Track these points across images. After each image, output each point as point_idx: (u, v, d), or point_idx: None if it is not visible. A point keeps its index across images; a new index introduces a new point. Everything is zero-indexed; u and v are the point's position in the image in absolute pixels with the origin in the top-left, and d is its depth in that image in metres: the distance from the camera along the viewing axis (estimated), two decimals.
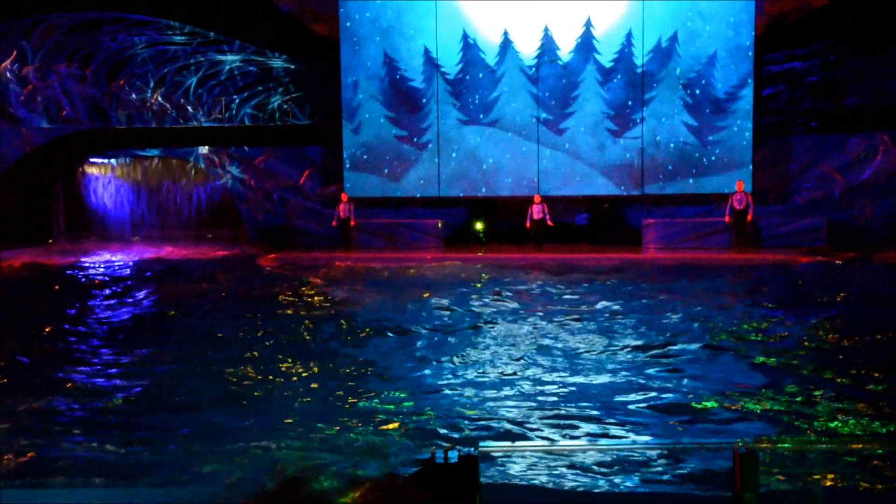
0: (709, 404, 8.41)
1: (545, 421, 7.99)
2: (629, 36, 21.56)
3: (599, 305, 13.94)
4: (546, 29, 21.96)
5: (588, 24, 21.75)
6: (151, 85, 24.43)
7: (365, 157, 23.03)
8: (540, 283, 16.65)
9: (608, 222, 22.97)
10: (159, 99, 24.47)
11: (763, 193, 21.67)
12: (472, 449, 4.84)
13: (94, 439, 7.62)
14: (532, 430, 7.78)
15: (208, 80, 24.65)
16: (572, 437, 7.58)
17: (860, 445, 7.14)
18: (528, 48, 22.08)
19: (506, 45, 22.18)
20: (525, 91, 22.15)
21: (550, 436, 7.63)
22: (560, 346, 11.02)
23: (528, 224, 21.53)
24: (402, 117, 22.83)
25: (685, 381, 9.30)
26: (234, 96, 24.75)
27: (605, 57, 21.73)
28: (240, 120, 24.77)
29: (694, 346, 10.90)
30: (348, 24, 22.84)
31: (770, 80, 22.31)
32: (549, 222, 21.32)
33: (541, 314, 13.26)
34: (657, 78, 21.55)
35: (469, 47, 22.33)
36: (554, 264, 19.16)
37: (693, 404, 8.46)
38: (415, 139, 22.79)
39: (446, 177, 22.68)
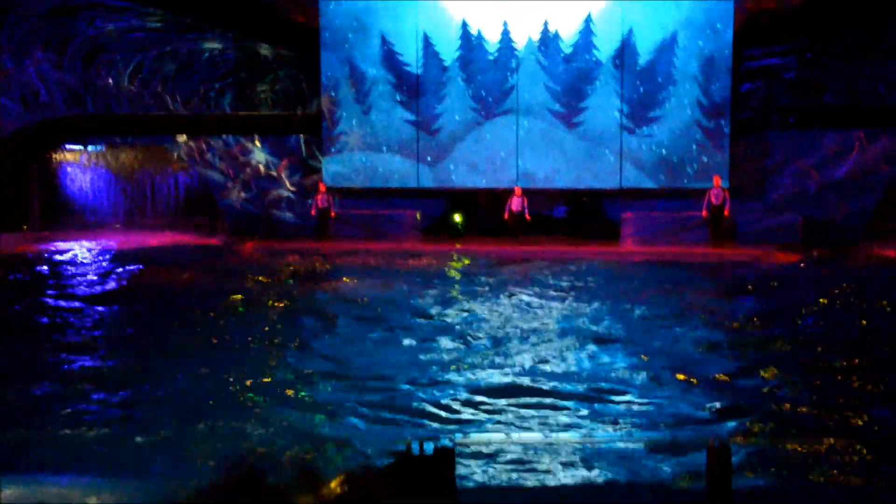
0: (673, 399, 8.46)
1: (520, 413, 8.01)
2: (607, 32, 21.60)
3: (569, 298, 13.97)
4: (545, 23, 21.95)
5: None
6: (129, 72, 24.20)
7: (344, 147, 22.97)
8: (514, 275, 16.67)
9: (587, 216, 23.03)
10: (137, 86, 24.26)
11: (740, 189, 21.80)
12: (448, 441, 4.84)
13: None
14: (507, 422, 7.80)
15: (187, 67, 24.45)
16: (547, 430, 7.60)
17: (832, 441, 7.20)
18: (513, 40, 22.06)
19: (483, 37, 22.14)
20: (506, 84, 22.13)
21: (525, 428, 7.64)
22: (532, 337, 11.04)
23: (506, 216, 21.56)
24: (381, 108, 22.75)
25: (648, 373, 9.35)
26: (213, 84, 24.57)
27: (586, 52, 21.74)
28: (218, 108, 24.60)
29: (656, 342, 10.97)
30: (328, 13, 22.74)
31: (748, 76, 22.42)
32: (528, 216, 21.37)
33: (512, 304, 13.27)
34: (635, 73, 21.59)
35: (448, 40, 22.28)
36: (530, 256, 19.21)
37: (658, 398, 8.50)
38: (395, 130, 22.73)
39: (425, 168, 22.65)
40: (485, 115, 22.26)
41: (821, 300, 13.76)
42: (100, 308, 13.14)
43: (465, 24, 22.17)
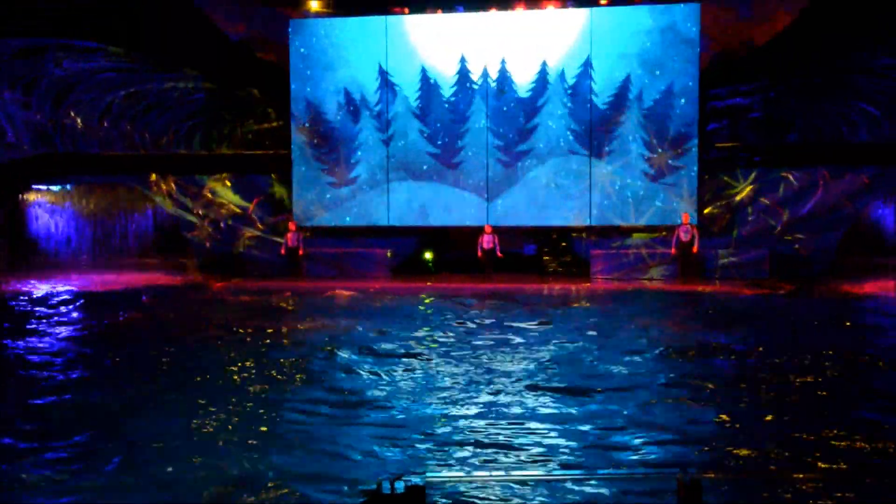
0: (632, 434, 8.48)
1: (491, 450, 7.98)
2: (581, 71, 21.89)
3: (538, 333, 14.00)
4: (503, 61, 22.23)
5: (544, 63, 22.05)
6: (98, 111, 24.15)
7: (313, 185, 23.02)
8: (485, 312, 16.68)
9: (556, 253, 23.16)
10: (106, 125, 24.19)
11: (708, 225, 22.06)
12: (419, 479, 4.82)
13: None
14: (479, 458, 7.76)
15: (156, 107, 24.47)
16: (518, 467, 7.57)
17: (801, 475, 7.23)
18: (479, 78, 22.30)
19: (458, 75, 22.37)
20: (476, 122, 22.34)
21: (497, 464, 7.61)
22: (501, 370, 11.03)
23: (479, 254, 21.66)
24: (351, 146, 22.86)
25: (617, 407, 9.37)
26: (183, 123, 24.58)
27: (557, 92, 22.02)
28: (188, 147, 24.58)
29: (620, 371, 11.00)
30: (297, 52, 22.90)
31: (714, 115, 22.79)
32: (499, 254, 21.48)
33: (483, 342, 13.27)
34: (606, 113, 21.87)
35: (419, 79, 22.48)
36: (501, 294, 19.26)
37: (618, 432, 8.52)
38: (364, 169, 22.82)
39: (396, 206, 22.72)
40: (453, 153, 22.41)
41: (789, 333, 13.91)
42: (58, 350, 12.98)
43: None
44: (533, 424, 8.82)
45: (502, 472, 7.33)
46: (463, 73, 22.35)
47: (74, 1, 21.68)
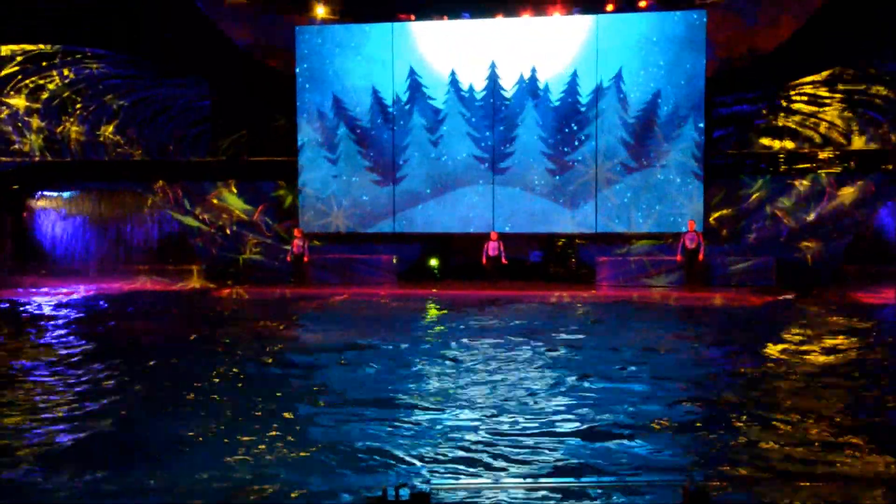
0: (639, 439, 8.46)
1: (498, 457, 7.96)
2: (574, 77, 21.87)
3: (549, 340, 13.99)
4: (492, 65, 22.22)
5: (533, 70, 22.06)
6: (104, 118, 24.23)
7: (319, 191, 23.04)
8: (490, 319, 16.67)
9: (562, 260, 23.15)
10: (112, 132, 24.26)
11: (714, 233, 22.04)
12: (424, 486, 4.81)
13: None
14: (485, 466, 7.74)
15: (162, 113, 24.53)
16: (523, 474, 7.55)
17: (807, 484, 7.21)
18: (480, 85, 22.31)
19: (456, 82, 22.38)
20: (482, 129, 22.32)
21: (502, 471, 7.59)
22: (509, 379, 11.02)
23: (483, 260, 21.63)
24: (356, 153, 22.89)
25: (617, 415, 9.35)
26: (189, 130, 24.64)
27: (566, 101, 21.99)
28: (194, 154, 24.63)
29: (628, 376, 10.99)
30: (304, 59, 22.94)
31: (720, 122, 22.78)
32: (504, 260, 21.44)
33: (491, 348, 13.26)
34: (611, 119, 21.84)
35: (421, 85, 22.50)
36: (506, 300, 19.26)
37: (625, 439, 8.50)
38: (370, 175, 22.84)
39: (401, 213, 22.73)
40: (460, 159, 22.41)
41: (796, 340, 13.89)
42: (63, 357, 13.00)
43: (446, 70, 22.40)
44: (538, 432, 8.80)
45: (507, 480, 7.32)
46: (455, 81, 22.37)
47: (78, 5, 21.75)
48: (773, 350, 13.27)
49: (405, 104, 22.60)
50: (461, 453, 8.09)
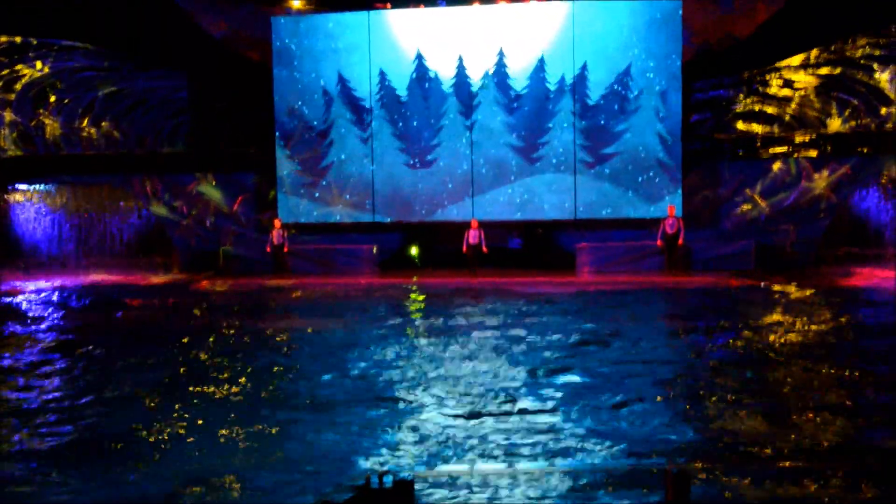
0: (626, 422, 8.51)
1: (479, 445, 7.99)
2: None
3: (530, 326, 14.03)
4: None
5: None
6: (80, 111, 24.01)
7: (298, 182, 22.97)
8: (470, 306, 16.70)
9: (542, 247, 23.18)
10: (88, 125, 24.06)
11: (693, 218, 22.12)
12: (408, 473, 4.82)
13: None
14: (464, 454, 7.77)
15: (139, 105, 24.35)
16: (506, 461, 7.58)
17: (788, 464, 7.28)
18: (468, 76, 22.28)
19: (439, 70, 22.35)
20: (459, 117, 22.30)
21: (484, 460, 7.62)
22: (484, 365, 11.05)
23: (464, 248, 21.62)
24: (335, 144, 22.81)
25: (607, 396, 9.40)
26: (167, 122, 24.47)
27: (540, 87, 22.00)
28: (172, 146, 24.47)
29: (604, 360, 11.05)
30: (280, 49, 22.82)
31: (697, 107, 22.86)
32: (485, 249, 21.43)
33: (473, 335, 13.29)
34: (588, 106, 21.87)
35: (402, 76, 22.45)
36: (488, 288, 19.30)
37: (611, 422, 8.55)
38: (349, 165, 22.78)
39: (381, 202, 22.70)
40: (440, 147, 22.39)
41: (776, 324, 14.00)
42: (43, 349, 12.94)
43: (420, 58, 22.34)
44: (522, 417, 8.84)
45: (488, 466, 7.34)
46: (460, 69, 22.32)
47: None
48: (753, 333, 13.37)
49: (395, 89, 22.49)
50: (441, 441, 8.11)
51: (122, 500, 6.78)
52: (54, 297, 19.04)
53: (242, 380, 10.59)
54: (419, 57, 22.37)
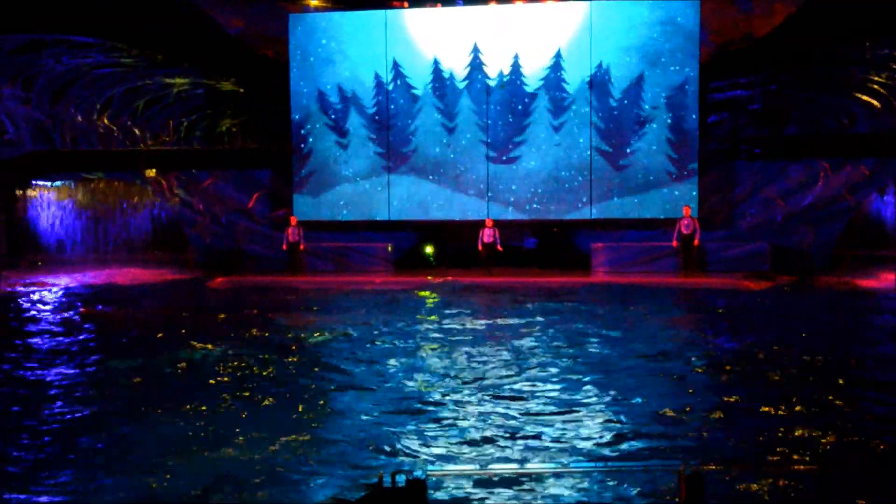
0: (645, 425, 8.48)
1: (492, 444, 7.98)
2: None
3: (544, 324, 14.01)
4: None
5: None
6: (97, 107, 24.13)
7: (314, 180, 22.99)
8: (490, 306, 16.68)
9: (557, 246, 23.13)
10: (105, 121, 24.17)
11: (709, 218, 22.01)
12: (421, 472, 4.81)
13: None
14: (478, 453, 7.75)
15: (156, 102, 24.45)
16: (519, 461, 7.56)
17: (802, 468, 7.23)
18: (485, 72, 22.26)
19: (454, 69, 22.32)
20: (475, 117, 22.28)
21: (497, 459, 7.60)
22: (502, 369, 11.04)
23: (479, 247, 21.60)
24: (351, 141, 22.83)
25: (615, 398, 9.37)
26: (183, 119, 24.56)
27: (557, 86, 21.95)
28: (188, 143, 24.56)
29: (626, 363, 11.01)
30: (297, 47, 22.85)
31: (714, 107, 22.75)
32: (499, 247, 21.40)
33: (489, 336, 13.28)
34: (606, 106, 21.80)
35: (418, 73, 22.44)
36: (503, 287, 19.26)
37: (627, 424, 8.51)
38: (365, 163, 22.79)
39: (396, 201, 22.69)
40: (455, 147, 22.38)
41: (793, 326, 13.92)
42: (54, 347, 13.00)
43: (435, 57, 22.34)
44: (535, 418, 8.82)
45: (504, 466, 7.33)
46: (436, 69, 22.29)
47: None
48: (768, 335, 13.30)
49: (405, 90, 22.51)
50: (457, 440, 8.10)
51: (152, 498, 6.78)
52: (67, 297, 19.13)
53: (267, 374, 10.61)
54: (435, 55, 22.36)
